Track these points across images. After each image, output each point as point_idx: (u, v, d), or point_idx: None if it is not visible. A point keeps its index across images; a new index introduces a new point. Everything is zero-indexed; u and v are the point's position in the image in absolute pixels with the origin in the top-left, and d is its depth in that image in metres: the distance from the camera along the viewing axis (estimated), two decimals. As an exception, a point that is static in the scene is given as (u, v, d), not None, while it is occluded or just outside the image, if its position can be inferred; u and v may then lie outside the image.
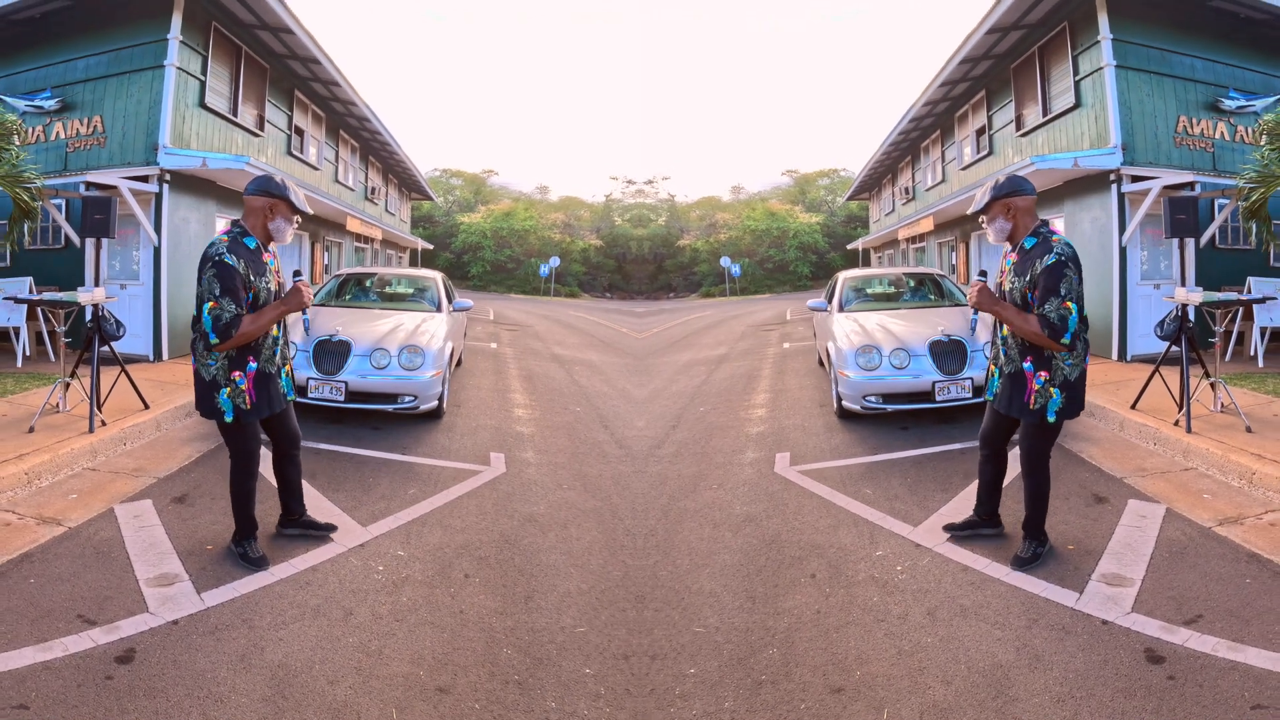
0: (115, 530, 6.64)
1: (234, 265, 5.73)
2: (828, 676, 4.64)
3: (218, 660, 4.63)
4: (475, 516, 7.35)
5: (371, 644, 4.95)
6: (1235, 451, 8.21)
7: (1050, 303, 5.70)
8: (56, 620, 5.03)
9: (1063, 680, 4.47)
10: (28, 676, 4.35)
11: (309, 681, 4.47)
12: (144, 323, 14.52)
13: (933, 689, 4.45)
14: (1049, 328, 5.71)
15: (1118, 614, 5.26)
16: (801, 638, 5.13)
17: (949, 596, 5.65)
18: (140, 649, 4.70)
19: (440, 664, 4.75)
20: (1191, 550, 6.31)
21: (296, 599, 5.52)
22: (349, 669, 4.63)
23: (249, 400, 5.91)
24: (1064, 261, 5.73)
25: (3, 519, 6.73)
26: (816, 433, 10.42)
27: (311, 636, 4.99)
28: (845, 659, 4.83)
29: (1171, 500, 7.47)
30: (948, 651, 4.87)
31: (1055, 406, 5.90)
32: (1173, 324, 9.63)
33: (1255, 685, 4.33)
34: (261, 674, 4.51)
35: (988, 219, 6.17)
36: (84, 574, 5.76)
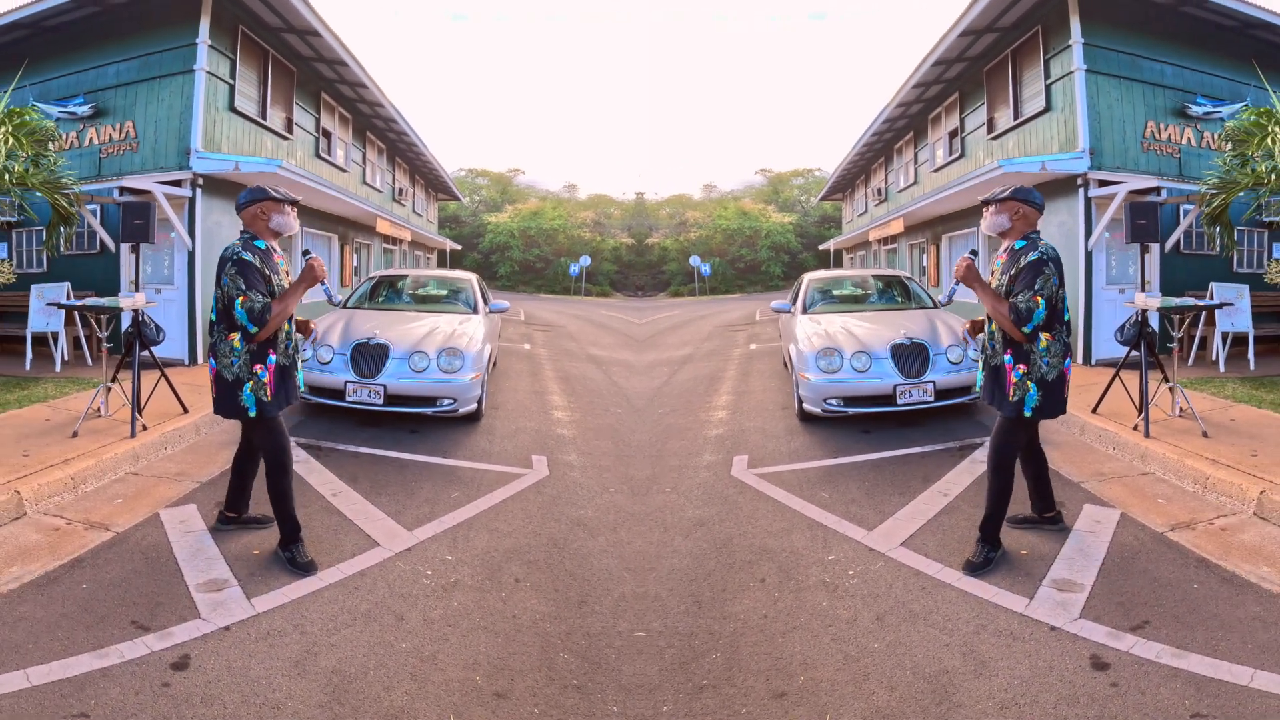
0: (162, 535, 6.66)
1: (251, 260, 5.93)
2: (771, 681, 4.65)
3: (272, 667, 4.64)
4: (521, 520, 7.32)
5: (425, 649, 4.94)
6: (1191, 456, 8.24)
7: (1023, 294, 5.86)
8: (111, 626, 5.04)
9: (1007, 687, 4.48)
10: (86, 684, 4.36)
11: (365, 687, 4.47)
12: (179, 327, 14.55)
13: (876, 695, 4.46)
14: (1015, 314, 5.88)
15: (1066, 620, 5.28)
16: (746, 642, 5.14)
17: (899, 601, 5.65)
18: (195, 655, 4.71)
19: (496, 669, 4.74)
20: (1143, 556, 6.34)
21: (347, 604, 5.53)
22: (404, 674, 4.62)
23: (269, 392, 6.01)
24: (1045, 260, 5.91)
25: (52, 524, 6.76)
26: (777, 435, 10.37)
27: (364, 642, 4.99)
28: (790, 664, 4.83)
29: (1127, 505, 7.49)
30: (894, 657, 4.87)
31: (1032, 402, 5.99)
32: (1132, 329, 9.63)
33: (1196, 693, 4.35)
34: (317, 680, 4.52)
35: (995, 209, 6.24)
36: (135, 579, 5.77)
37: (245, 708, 4.20)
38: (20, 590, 5.56)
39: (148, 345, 9.49)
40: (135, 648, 4.76)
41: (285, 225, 6.23)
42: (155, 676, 4.45)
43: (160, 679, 4.43)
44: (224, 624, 5.15)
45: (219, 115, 15.78)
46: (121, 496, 7.55)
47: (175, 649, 4.77)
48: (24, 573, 5.81)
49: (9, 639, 4.86)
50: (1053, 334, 5.97)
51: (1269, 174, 11.03)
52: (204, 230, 14.90)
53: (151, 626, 5.05)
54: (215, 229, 15.34)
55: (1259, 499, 7.08)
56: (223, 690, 4.35)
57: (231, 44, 16.29)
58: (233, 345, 5.94)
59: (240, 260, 5.88)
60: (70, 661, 4.59)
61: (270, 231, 6.19)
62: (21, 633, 4.94)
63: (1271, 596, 5.56)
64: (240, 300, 5.81)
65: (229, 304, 5.85)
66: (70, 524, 6.79)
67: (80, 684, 4.36)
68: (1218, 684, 4.41)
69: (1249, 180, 11.55)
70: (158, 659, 4.65)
